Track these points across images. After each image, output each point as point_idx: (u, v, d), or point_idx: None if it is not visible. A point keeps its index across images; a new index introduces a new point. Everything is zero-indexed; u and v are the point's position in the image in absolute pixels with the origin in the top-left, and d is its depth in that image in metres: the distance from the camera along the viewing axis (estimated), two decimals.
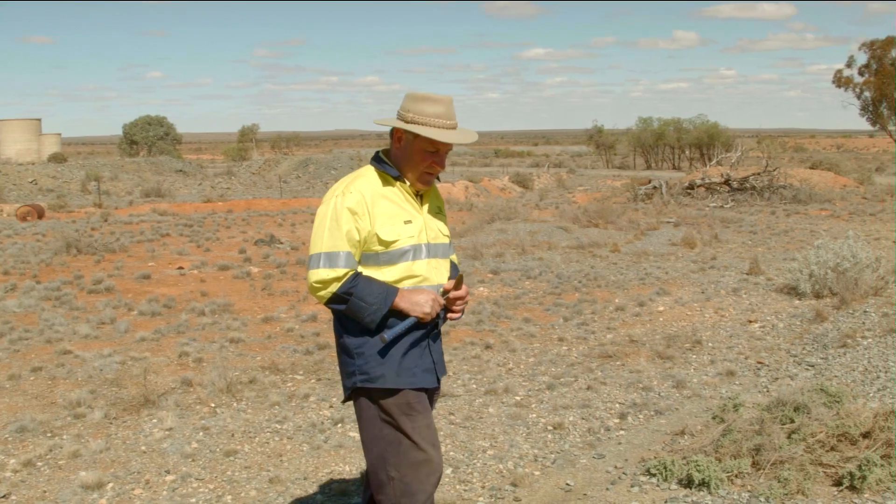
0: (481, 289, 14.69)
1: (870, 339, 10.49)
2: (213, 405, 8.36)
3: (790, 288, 13.89)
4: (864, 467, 5.88)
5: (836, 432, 6.23)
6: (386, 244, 4.07)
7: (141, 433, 7.56)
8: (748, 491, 5.95)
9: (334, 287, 4.03)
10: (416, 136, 4.11)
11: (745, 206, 30.36)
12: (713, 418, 7.06)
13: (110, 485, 6.42)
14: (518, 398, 8.50)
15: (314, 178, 53.99)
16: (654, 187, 34.30)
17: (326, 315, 12.54)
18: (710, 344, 10.75)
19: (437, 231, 4.31)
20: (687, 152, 78.60)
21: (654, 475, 6.28)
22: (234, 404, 8.39)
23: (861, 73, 62.49)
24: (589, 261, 18.17)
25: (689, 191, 34.05)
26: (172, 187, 43.07)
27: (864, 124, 66.29)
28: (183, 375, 9.20)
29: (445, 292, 4.23)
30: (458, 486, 6.33)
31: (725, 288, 14.56)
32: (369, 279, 4.08)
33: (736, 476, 6.10)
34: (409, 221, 4.16)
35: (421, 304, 4.08)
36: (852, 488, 5.88)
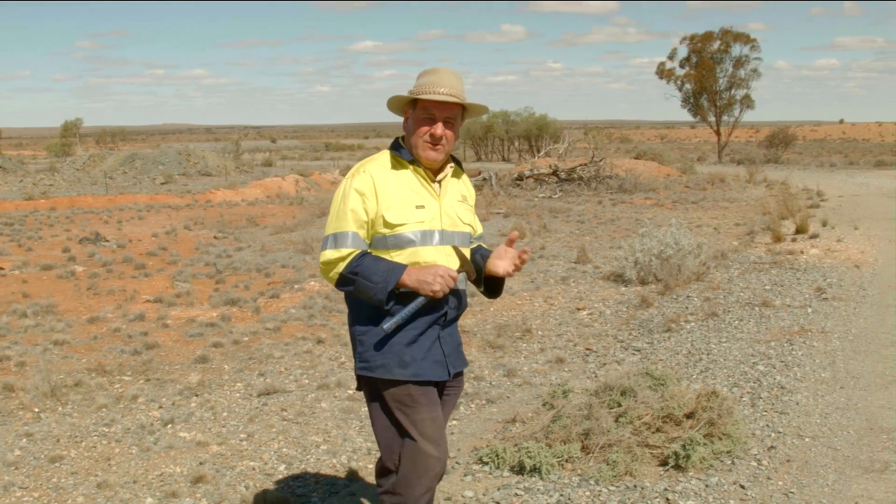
0: (312, 283, 14.59)
1: (693, 323, 10.88)
2: (36, 410, 8.07)
3: (617, 275, 14.27)
4: (688, 447, 6.10)
5: (662, 414, 6.44)
6: (391, 226, 4.02)
7: None
8: (578, 475, 6.09)
9: (340, 267, 4.01)
10: (415, 108, 4.13)
11: (573, 196, 31.04)
12: (543, 405, 7.19)
13: None
14: (351, 392, 8.46)
15: (141, 174, 52.70)
16: (484, 179, 34.66)
17: (154, 314, 12.25)
18: (539, 332, 10.94)
19: (456, 219, 4.22)
20: (516, 144, 79.68)
21: (487, 463, 6.37)
22: (59, 408, 8.13)
23: (682, 66, 64.54)
24: None
25: (518, 182, 34.56)
26: None
27: (685, 115, 68.48)
28: (4, 380, 8.84)
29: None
30: (291, 483, 6.28)
31: (554, 277, 14.84)
32: (377, 258, 4.02)
33: (566, 461, 6.24)
34: (422, 206, 4.10)
35: (429, 282, 3.95)
36: (677, 467, 6.09)
